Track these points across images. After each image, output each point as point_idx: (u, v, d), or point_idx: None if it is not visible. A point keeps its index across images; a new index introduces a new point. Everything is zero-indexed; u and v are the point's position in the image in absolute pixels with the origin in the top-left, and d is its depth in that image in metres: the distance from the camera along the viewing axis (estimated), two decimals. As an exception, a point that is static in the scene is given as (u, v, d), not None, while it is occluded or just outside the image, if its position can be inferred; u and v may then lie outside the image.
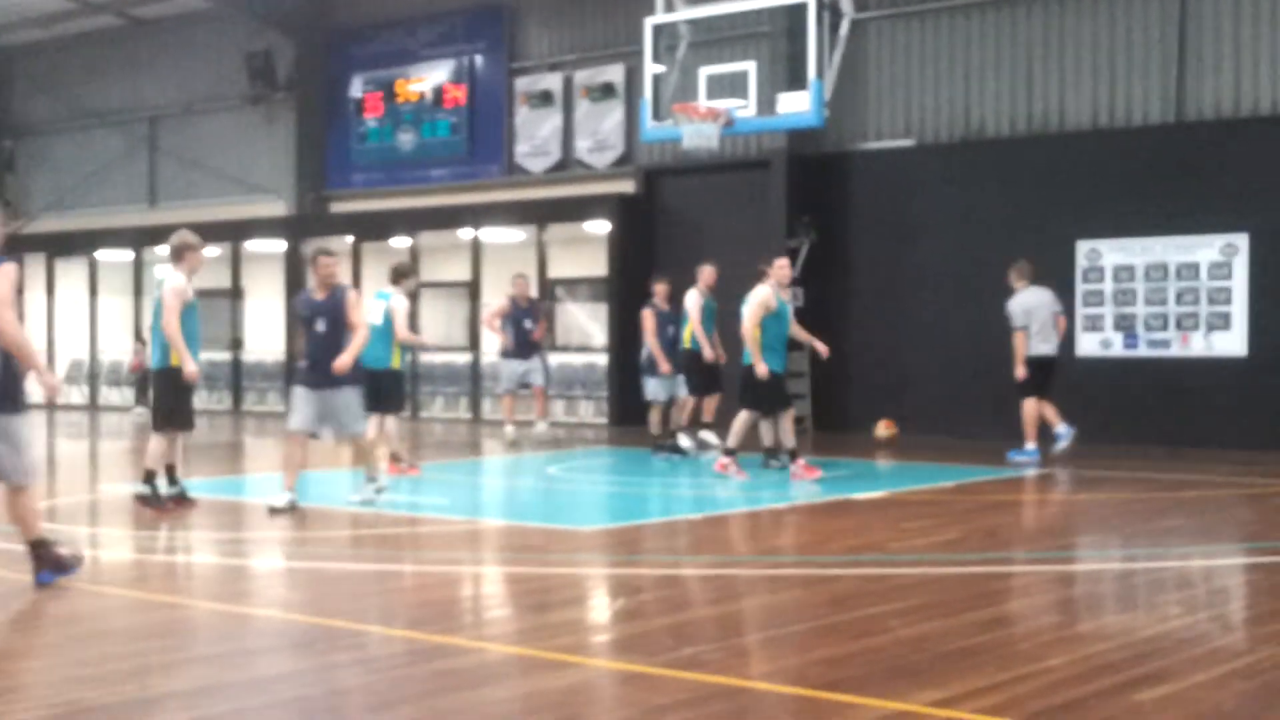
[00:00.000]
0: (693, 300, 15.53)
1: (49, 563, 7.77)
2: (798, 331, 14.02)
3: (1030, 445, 14.85)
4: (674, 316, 15.82)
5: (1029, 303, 15.02)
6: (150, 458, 11.05)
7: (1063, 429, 14.73)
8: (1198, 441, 15.95)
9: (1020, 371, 14.92)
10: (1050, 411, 14.87)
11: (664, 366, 15.48)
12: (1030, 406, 14.98)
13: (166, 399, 11.20)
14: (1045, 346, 15.03)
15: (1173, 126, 16.72)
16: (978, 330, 17.54)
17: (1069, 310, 16.94)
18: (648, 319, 15.76)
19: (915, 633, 6.48)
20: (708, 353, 15.43)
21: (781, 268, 13.70)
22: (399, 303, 13.89)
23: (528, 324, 17.13)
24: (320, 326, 11.07)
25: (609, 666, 6.02)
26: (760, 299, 13.32)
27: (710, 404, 15.93)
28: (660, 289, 15.98)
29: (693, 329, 15.44)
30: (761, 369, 13.04)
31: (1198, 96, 16.63)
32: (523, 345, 17.15)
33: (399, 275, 14.29)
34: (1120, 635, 6.45)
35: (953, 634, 6.44)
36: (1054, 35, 17.60)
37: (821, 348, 14.23)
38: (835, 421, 18.30)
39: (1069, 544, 10.05)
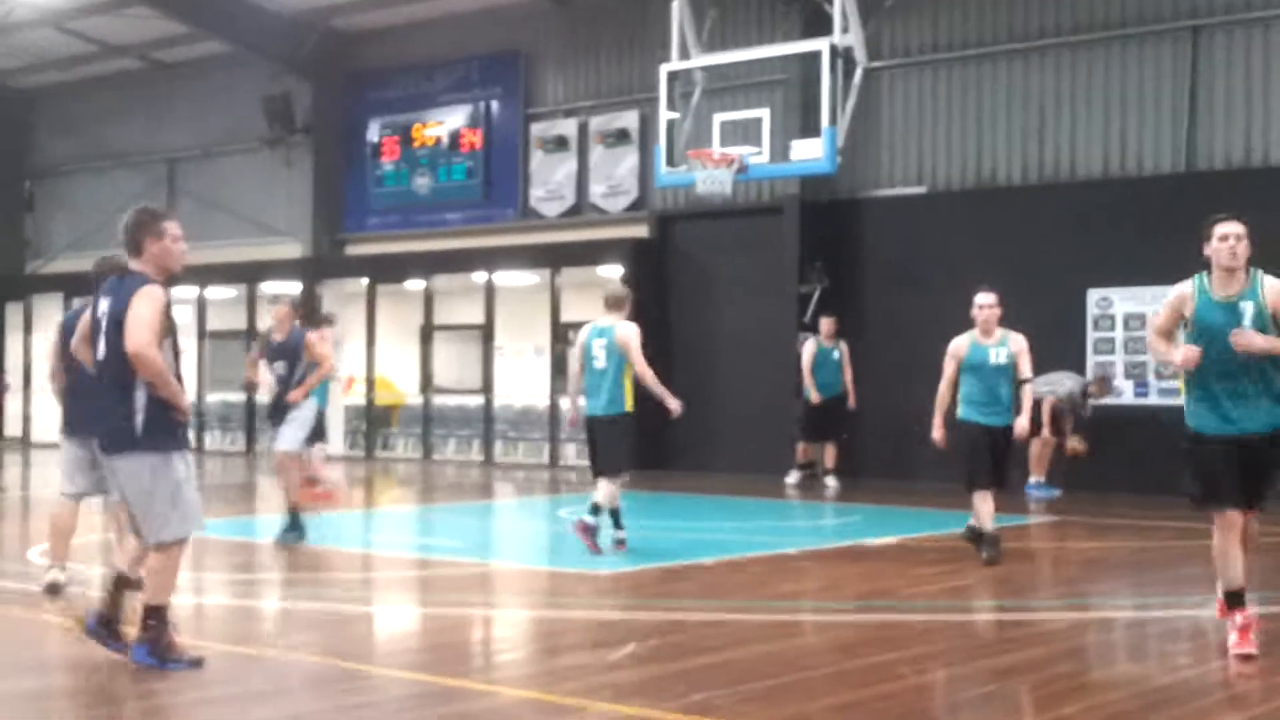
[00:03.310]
0: (808, 350, 17.62)
1: (153, 640, 6.69)
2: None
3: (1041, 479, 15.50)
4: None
5: None
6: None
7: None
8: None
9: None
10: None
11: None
12: (1035, 445, 15.37)
13: None
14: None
15: (1183, 176, 16.78)
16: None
17: (1081, 358, 16.98)
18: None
19: (926, 680, 6.48)
20: (814, 397, 17.54)
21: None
22: (628, 330, 11.23)
23: (279, 369, 12.07)
24: (280, 369, 11.93)
25: (620, 711, 6.03)
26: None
27: (828, 451, 17.70)
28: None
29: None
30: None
31: (1208, 146, 16.70)
32: (275, 398, 12.23)
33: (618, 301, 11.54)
34: (1132, 684, 6.45)
35: (964, 682, 6.44)
36: (1065, 85, 17.70)
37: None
38: (846, 466, 18.27)
39: (1081, 591, 10.03)
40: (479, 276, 22.70)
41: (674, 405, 11.15)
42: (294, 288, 24.76)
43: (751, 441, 19.34)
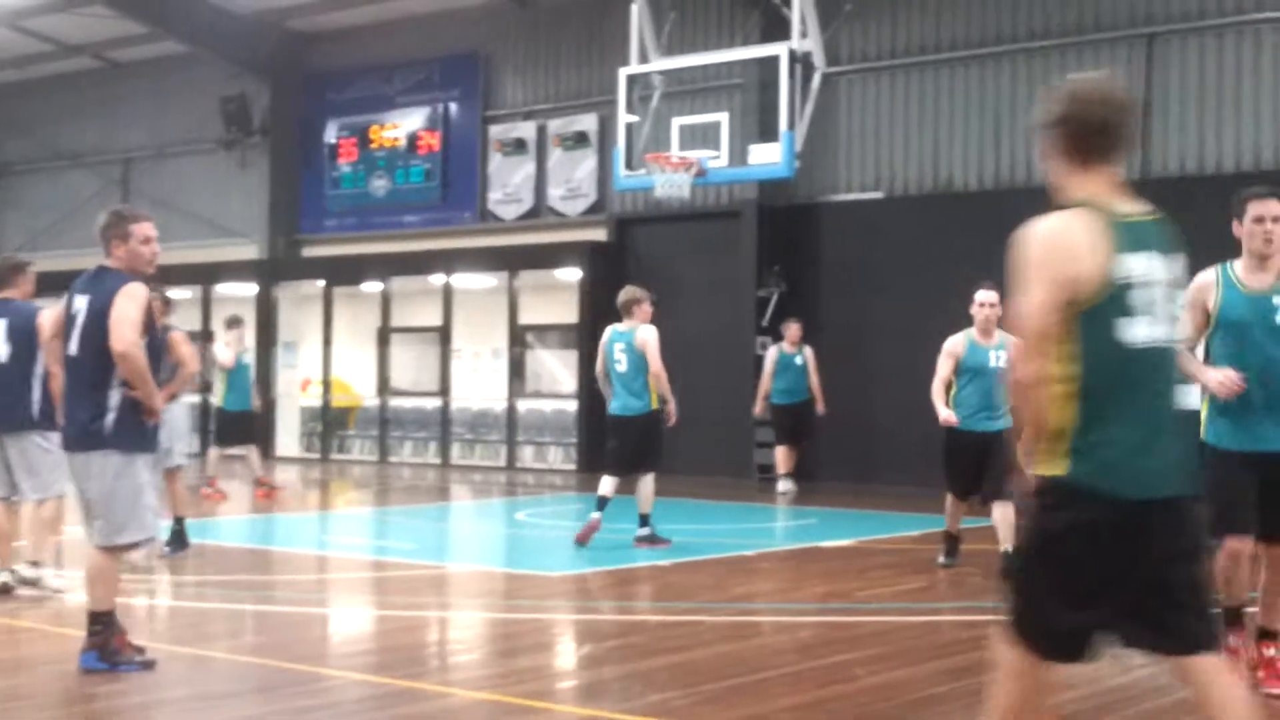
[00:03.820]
0: (769, 356, 17.20)
1: (101, 645, 6.61)
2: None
3: None
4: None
5: None
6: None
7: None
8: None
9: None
10: None
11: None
12: None
13: None
14: None
15: (1138, 183, 16.80)
16: (946, 381, 17.66)
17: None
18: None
19: (882, 681, 6.50)
20: (757, 408, 17.30)
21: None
22: (647, 334, 11.72)
23: None
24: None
25: (576, 712, 6.02)
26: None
27: (790, 454, 17.22)
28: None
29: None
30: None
31: (1162, 153, 16.85)
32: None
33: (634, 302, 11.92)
34: (1086, 684, 6.48)
35: (919, 682, 6.46)
36: (1022, 91, 17.81)
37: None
38: (802, 470, 18.33)
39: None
40: (437, 279, 22.64)
41: (672, 413, 11.97)
42: (250, 289, 24.62)
43: (709, 444, 19.34)
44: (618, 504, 11.71)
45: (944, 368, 10.35)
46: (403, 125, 23.30)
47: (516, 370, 22.04)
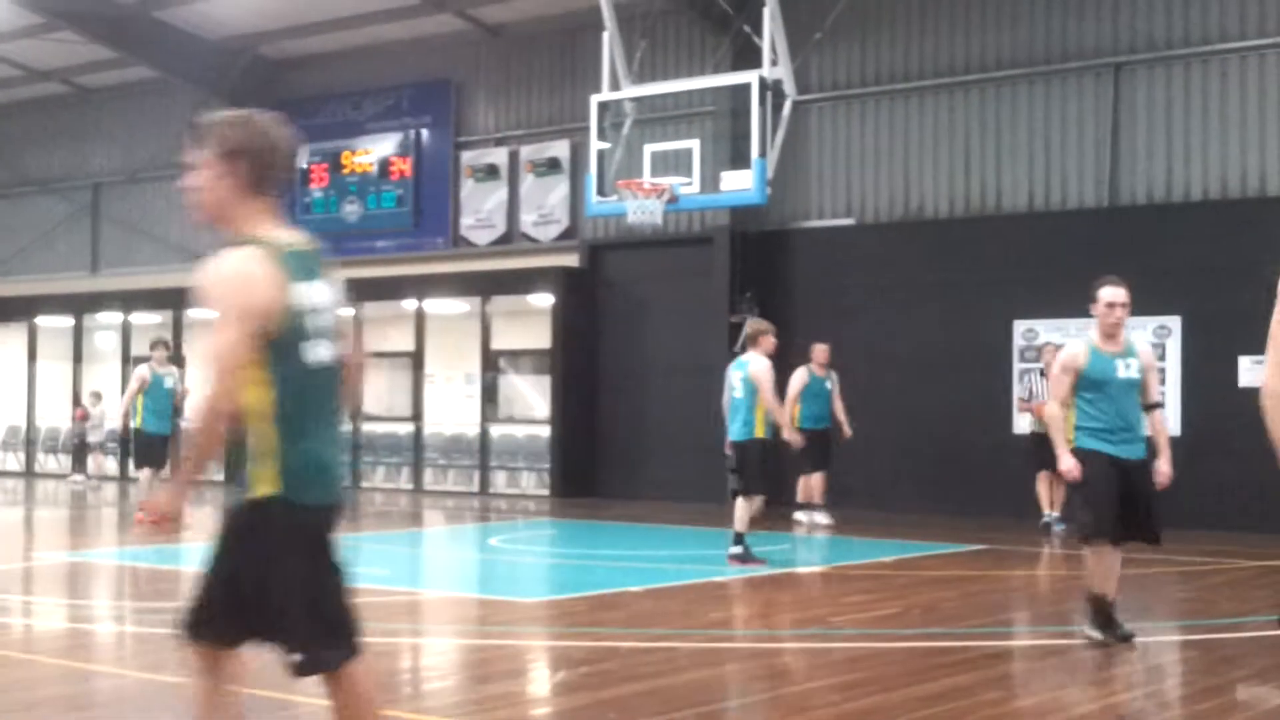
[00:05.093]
0: (798, 379, 16.14)
1: None
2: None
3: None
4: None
5: None
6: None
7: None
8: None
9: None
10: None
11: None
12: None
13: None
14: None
15: (1106, 211, 17.07)
16: (914, 406, 17.75)
17: (1007, 388, 17.19)
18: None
19: (857, 707, 6.51)
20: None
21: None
22: (759, 367, 12.21)
23: None
24: None
25: (550, 739, 6.00)
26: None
27: (817, 481, 16.36)
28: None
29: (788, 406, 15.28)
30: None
31: (1130, 182, 17.01)
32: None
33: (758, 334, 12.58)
34: (1058, 711, 6.51)
35: (894, 709, 6.47)
36: (991, 120, 17.96)
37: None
38: (781, 495, 18.35)
39: (1007, 620, 10.13)
40: (409, 304, 22.61)
41: (794, 439, 12.96)
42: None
43: (681, 470, 19.37)
44: (591, 529, 11.70)
45: (1062, 385, 8.22)
46: (374, 151, 23.30)
47: (489, 395, 22.02)
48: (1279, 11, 16.25)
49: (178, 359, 25.12)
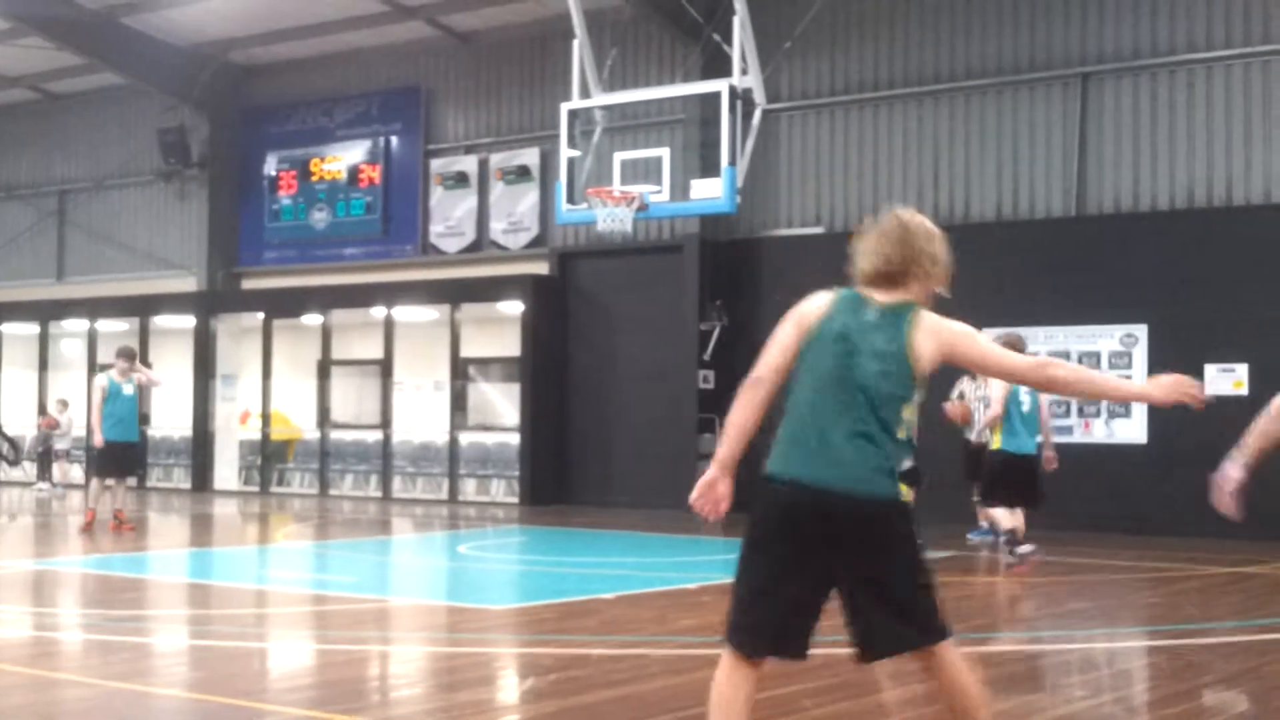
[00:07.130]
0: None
1: None
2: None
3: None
4: None
5: None
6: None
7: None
8: (1100, 526, 16.22)
9: None
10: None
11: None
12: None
13: None
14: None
15: (1074, 220, 17.17)
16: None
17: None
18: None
19: (828, 712, 6.51)
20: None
21: None
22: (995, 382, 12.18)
23: None
24: None
25: (520, 746, 5.98)
26: None
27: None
28: None
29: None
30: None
31: (1098, 191, 17.12)
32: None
33: None
34: (1027, 717, 6.53)
35: (865, 714, 6.48)
36: (959, 129, 18.06)
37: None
38: (742, 500, 18.40)
39: (977, 625, 10.15)
40: (378, 311, 22.55)
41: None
42: (188, 322, 24.42)
43: (651, 477, 19.38)
44: (561, 536, 11.67)
45: None
46: (344, 158, 23.25)
47: (458, 403, 21.98)
48: (1245, 22, 16.41)
49: (145, 365, 25.06)
